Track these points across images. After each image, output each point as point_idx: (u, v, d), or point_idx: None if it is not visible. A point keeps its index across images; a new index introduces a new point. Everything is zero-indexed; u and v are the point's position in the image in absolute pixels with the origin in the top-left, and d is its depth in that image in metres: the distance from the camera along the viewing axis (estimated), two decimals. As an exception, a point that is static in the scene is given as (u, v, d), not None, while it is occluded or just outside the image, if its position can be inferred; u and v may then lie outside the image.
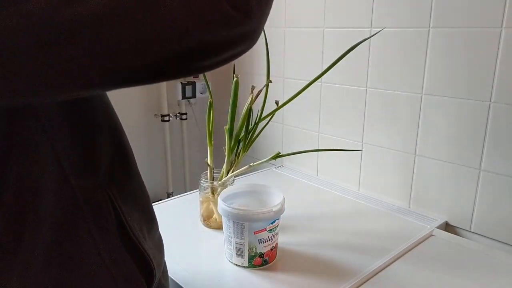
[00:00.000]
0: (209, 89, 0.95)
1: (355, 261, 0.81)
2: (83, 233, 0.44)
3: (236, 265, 0.80)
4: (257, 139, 0.93)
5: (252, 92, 0.88)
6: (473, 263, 0.82)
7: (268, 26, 0.81)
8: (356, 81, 1.10)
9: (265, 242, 0.77)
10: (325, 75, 0.87)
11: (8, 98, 0.31)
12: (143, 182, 0.57)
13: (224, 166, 0.93)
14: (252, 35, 0.37)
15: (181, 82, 1.47)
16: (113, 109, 0.52)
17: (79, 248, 0.44)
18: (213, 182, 0.93)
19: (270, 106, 0.91)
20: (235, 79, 0.90)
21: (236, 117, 0.92)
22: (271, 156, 0.85)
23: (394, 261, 0.82)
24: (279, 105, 0.87)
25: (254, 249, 0.77)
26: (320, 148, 1.23)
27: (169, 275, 0.77)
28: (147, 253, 0.50)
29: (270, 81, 0.89)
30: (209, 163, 0.94)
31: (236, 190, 0.85)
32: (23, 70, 0.29)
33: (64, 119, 0.43)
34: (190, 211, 1.02)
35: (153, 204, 1.12)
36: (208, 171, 0.94)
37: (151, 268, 0.51)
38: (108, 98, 0.52)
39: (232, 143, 0.92)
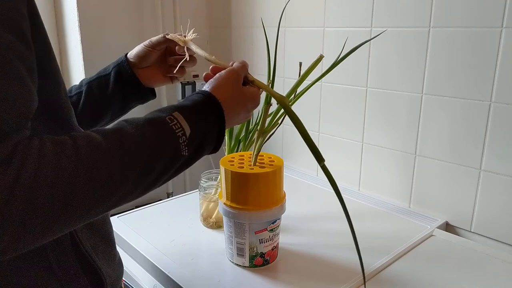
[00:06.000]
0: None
1: (356, 261, 0.81)
2: (37, 248, 0.47)
3: (237, 265, 0.80)
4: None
5: (252, 92, 0.88)
6: (473, 263, 0.82)
7: (268, 26, 0.81)
8: (356, 81, 1.10)
9: (266, 242, 0.77)
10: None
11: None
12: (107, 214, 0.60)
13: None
14: None
15: (181, 82, 1.47)
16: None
17: (30, 258, 0.47)
18: (218, 183, 0.93)
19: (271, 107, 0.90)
20: (235, 79, 0.90)
21: (236, 117, 0.92)
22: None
23: (395, 261, 0.82)
24: (279, 105, 0.87)
25: (255, 249, 0.77)
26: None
27: (170, 275, 0.77)
28: (100, 268, 0.54)
29: (271, 82, 0.89)
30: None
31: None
32: None
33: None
34: (190, 211, 1.02)
35: (153, 204, 1.12)
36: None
37: (102, 283, 0.54)
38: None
39: (232, 143, 0.92)
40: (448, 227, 0.98)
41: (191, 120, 0.49)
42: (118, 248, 0.64)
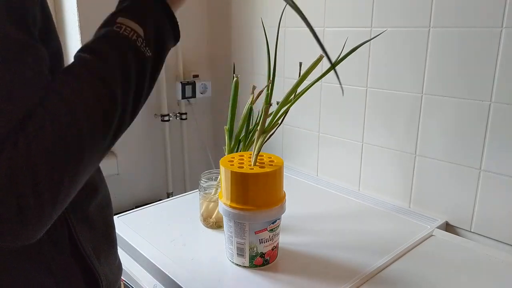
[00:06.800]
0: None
1: (356, 261, 0.81)
2: (35, 246, 0.47)
3: (237, 265, 0.80)
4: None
5: (252, 92, 0.88)
6: (473, 263, 0.82)
7: (268, 26, 0.81)
8: (356, 81, 1.10)
9: (266, 242, 0.77)
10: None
11: None
12: (110, 212, 0.61)
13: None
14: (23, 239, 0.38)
15: (181, 82, 1.47)
16: None
17: (29, 259, 0.47)
18: (218, 183, 0.93)
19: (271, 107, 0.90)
20: (235, 79, 0.90)
21: (236, 117, 0.92)
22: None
23: (395, 261, 0.82)
24: (278, 105, 0.87)
25: (255, 249, 0.77)
26: (320, 148, 1.23)
27: (170, 275, 0.77)
28: (97, 270, 0.54)
29: (271, 82, 0.89)
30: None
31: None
32: None
33: None
34: (190, 211, 1.02)
35: (153, 204, 1.13)
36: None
37: (97, 284, 0.54)
38: None
39: (232, 143, 0.92)
40: (448, 227, 0.98)
41: (137, 18, 0.46)
42: (118, 248, 0.64)
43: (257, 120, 0.92)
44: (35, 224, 0.37)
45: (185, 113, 1.53)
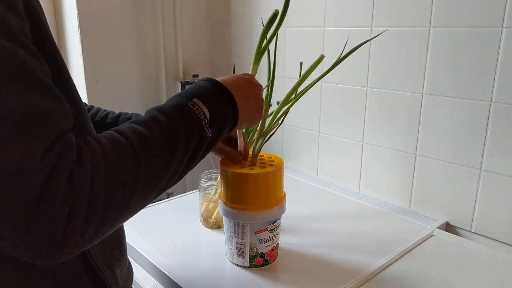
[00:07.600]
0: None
1: (356, 261, 0.81)
2: None
3: (237, 265, 0.79)
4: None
5: (252, 92, 0.88)
6: (473, 263, 0.82)
7: (268, 26, 0.82)
8: (357, 80, 1.10)
9: (266, 242, 0.77)
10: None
11: None
12: None
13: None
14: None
15: (180, 82, 1.47)
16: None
17: (33, 270, 0.47)
18: (218, 183, 0.93)
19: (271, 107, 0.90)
20: (235, 79, 0.90)
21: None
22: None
23: (395, 261, 0.82)
24: (279, 105, 0.87)
25: (255, 249, 0.77)
26: (320, 148, 1.23)
27: (169, 275, 0.77)
28: (107, 280, 0.54)
29: (272, 82, 0.89)
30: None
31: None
32: None
33: None
34: (190, 211, 1.02)
35: (153, 204, 1.12)
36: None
37: None
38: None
39: (233, 143, 0.92)
40: (448, 227, 0.98)
41: (209, 104, 0.55)
42: None
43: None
44: (74, 243, 0.38)
45: (185, 113, 1.53)
